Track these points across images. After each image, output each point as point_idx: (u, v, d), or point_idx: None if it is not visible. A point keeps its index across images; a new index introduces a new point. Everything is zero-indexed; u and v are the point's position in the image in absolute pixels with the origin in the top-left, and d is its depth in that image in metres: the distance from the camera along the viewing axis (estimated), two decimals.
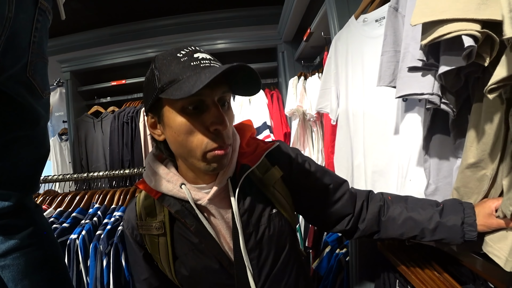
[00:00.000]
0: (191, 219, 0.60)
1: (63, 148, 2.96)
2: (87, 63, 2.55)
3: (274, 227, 0.64)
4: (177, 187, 0.61)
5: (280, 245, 0.65)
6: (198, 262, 0.62)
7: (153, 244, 0.64)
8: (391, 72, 0.78)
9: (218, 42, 2.44)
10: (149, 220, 0.64)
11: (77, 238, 1.03)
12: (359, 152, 1.06)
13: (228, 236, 0.63)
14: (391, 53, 0.79)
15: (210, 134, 0.53)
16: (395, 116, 0.93)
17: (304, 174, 0.69)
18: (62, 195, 1.28)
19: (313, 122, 1.83)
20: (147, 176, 0.64)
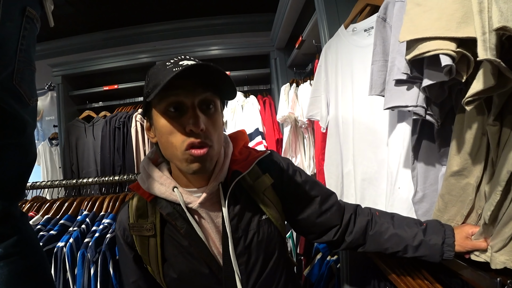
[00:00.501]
0: (182, 221, 0.62)
1: (53, 153, 2.92)
2: (79, 67, 2.53)
3: (263, 233, 0.65)
4: (169, 190, 0.62)
5: (269, 251, 0.66)
6: (187, 265, 0.63)
7: (143, 245, 0.65)
8: (382, 81, 0.80)
9: (211, 48, 2.45)
10: (141, 222, 0.65)
11: (65, 246, 1.01)
12: (348, 159, 1.07)
13: (217, 240, 0.64)
14: (381, 62, 0.80)
15: (187, 134, 0.55)
16: (384, 124, 0.95)
17: (293, 183, 0.71)
18: (50, 202, 1.26)
19: (304, 128, 1.84)
20: (141, 178, 0.66)
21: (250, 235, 0.64)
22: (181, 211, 0.62)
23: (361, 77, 1.01)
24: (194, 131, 0.54)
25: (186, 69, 0.50)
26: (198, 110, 0.55)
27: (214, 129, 0.58)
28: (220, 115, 0.62)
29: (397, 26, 0.70)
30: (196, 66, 0.51)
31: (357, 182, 1.04)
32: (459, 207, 0.67)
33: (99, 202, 1.20)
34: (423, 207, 0.82)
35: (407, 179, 0.88)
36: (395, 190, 0.92)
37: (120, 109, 2.58)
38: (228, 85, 0.57)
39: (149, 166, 0.67)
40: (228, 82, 0.56)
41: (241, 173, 0.62)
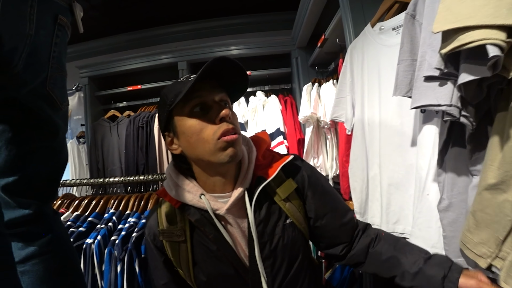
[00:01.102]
0: (210, 227, 0.64)
1: (80, 151, 3.04)
2: (104, 68, 2.62)
3: (288, 237, 0.66)
4: (196, 197, 0.64)
5: (294, 255, 0.67)
6: (215, 268, 0.65)
7: (174, 250, 0.67)
8: (408, 82, 0.76)
9: (231, 48, 2.46)
10: (171, 228, 0.67)
11: (93, 242, 1.05)
12: (374, 163, 1.04)
13: (244, 244, 0.66)
14: (407, 62, 0.77)
15: (218, 124, 0.59)
16: (413, 126, 0.91)
17: (315, 191, 0.71)
18: (79, 199, 1.31)
19: (327, 129, 1.81)
20: (167, 185, 0.68)
21: (276, 240, 0.65)
22: (208, 217, 0.64)
23: (388, 78, 0.97)
24: (225, 117, 0.59)
25: (207, 69, 0.56)
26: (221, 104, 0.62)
27: (235, 121, 0.63)
28: (234, 113, 0.66)
29: (429, 17, 0.65)
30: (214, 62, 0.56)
31: (383, 186, 1.01)
32: (494, 229, 0.55)
33: (124, 201, 1.24)
34: (448, 217, 0.77)
35: (437, 186, 0.84)
36: (423, 196, 0.87)
37: (143, 109, 2.65)
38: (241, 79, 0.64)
39: (174, 173, 0.69)
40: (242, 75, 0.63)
41: (265, 179, 0.64)
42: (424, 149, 0.87)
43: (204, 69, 0.56)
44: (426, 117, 0.87)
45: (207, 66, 0.56)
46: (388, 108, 0.97)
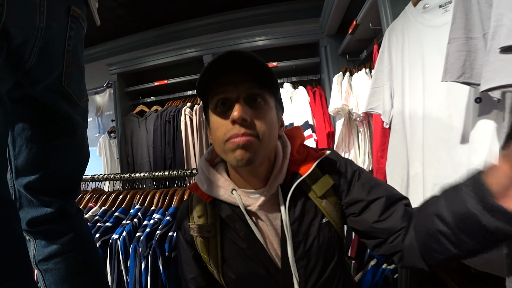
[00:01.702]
0: (241, 224, 0.61)
1: (112, 145, 3.15)
2: (132, 65, 2.67)
3: (324, 237, 0.62)
4: (228, 193, 0.62)
5: (329, 256, 0.63)
6: (245, 267, 0.63)
7: (204, 246, 0.65)
8: (461, 64, 0.65)
9: (257, 39, 2.39)
10: (201, 223, 0.65)
11: (118, 238, 1.05)
12: (416, 160, 0.93)
13: (276, 243, 0.62)
14: (461, 40, 0.65)
15: (230, 125, 0.55)
16: (464, 119, 0.79)
17: (354, 185, 0.65)
18: (106, 194, 1.33)
19: (359, 122, 1.69)
20: (199, 180, 0.66)
21: (311, 240, 0.61)
22: (240, 214, 0.61)
23: (434, 63, 0.85)
24: (235, 120, 0.54)
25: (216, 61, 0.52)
26: (244, 103, 0.56)
27: (262, 123, 0.56)
28: (271, 110, 0.60)
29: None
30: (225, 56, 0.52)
31: (427, 186, 0.89)
32: None
33: (150, 197, 1.23)
34: None
35: None
36: None
37: (170, 103, 2.68)
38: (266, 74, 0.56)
39: (206, 167, 0.67)
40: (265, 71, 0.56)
41: (301, 175, 0.60)
42: (478, 146, 0.75)
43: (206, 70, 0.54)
44: (482, 108, 0.74)
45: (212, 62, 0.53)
46: (434, 97, 0.86)
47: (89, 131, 3.05)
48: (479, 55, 0.64)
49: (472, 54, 0.64)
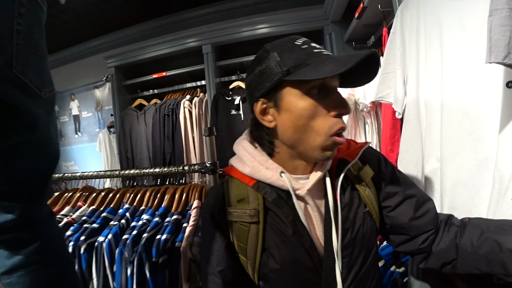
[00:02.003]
0: (288, 209, 0.58)
1: (111, 140, 3.09)
2: (130, 57, 2.60)
3: (367, 225, 0.61)
4: (276, 175, 0.59)
5: (370, 245, 0.62)
6: (290, 255, 0.59)
7: (242, 232, 0.61)
8: (506, 42, 0.53)
9: (259, 27, 2.29)
10: (241, 208, 0.61)
11: (104, 241, 0.97)
12: (432, 155, 0.82)
13: (320, 230, 0.60)
14: (505, 12, 0.53)
15: (332, 118, 0.54)
16: (492, 108, 0.68)
17: (391, 178, 0.66)
18: (96, 192, 1.26)
19: (366, 112, 1.59)
20: (239, 161, 0.64)
21: (357, 227, 0.60)
22: (286, 198, 0.58)
23: (455, 42, 0.74)
24: (344, 113, 0.54)
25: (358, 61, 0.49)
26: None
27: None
28: None
29: None
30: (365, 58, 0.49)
31: (446, 185, 0.79)
32: None
33: (140, 195, 1.15)
34: None
35: None
36: (504, 201, 0.65)
37: (169, 96, 2.61)
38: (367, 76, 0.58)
39: (252, 148, 0.63)
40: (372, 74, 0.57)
41: (348, 161, 0.60)
42: (509, 138, 0.64)
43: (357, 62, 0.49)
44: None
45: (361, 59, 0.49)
46: (455, 83, 0.74)
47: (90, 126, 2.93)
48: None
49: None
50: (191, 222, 0.94)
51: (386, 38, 1.18)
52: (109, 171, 1.23)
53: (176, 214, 1.00)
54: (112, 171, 1.23)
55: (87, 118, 3.44)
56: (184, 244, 0.88)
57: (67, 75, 3.43)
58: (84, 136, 3.49)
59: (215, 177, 0.96)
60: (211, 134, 0.92)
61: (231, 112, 2.21)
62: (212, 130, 0.93)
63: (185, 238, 0.90)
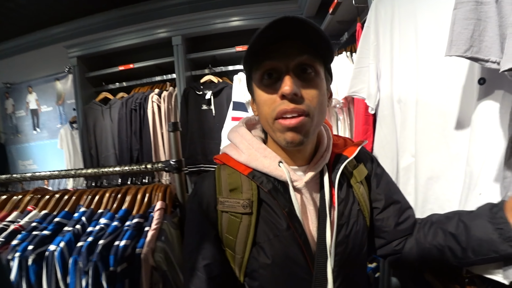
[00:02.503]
0: (284, 201, 0.55)
1: (74, 137, 2.88)
2: (93, 47, 2.44)
3: (360, 223, 0.60)
4: (274, 164, 0.57)
5: (362, 244, 0.61)
6: (282, 250, 0.56)
7: (232, 224, 0.58)
8: (469, 35, 0.52)
9: (231, 20, 2.24)
10: (234, 197, 0.58)
11: (55, 250, 0.86)
12: (406, 150, 0.81)
13: (314, 225, 0.58)
14: (469, 5, 0.53)
15: (279, 100, 0.52)
16: (464, 104, 0.67)
17: (382, 181, 0.66)
18: (50, 194, 1.13)
19: (339, 109, 1.58)
20: (233, 149, 0.62)
21: (351, 223, 0.59)
22: (283, 189, 0.56)
23: (430, 37, 0.72)
24: (285, 95, 0.50)
25: (267, 28, 0.47)
26: (293, 74, 0.51)
27: (314, 96, 0.52)
28: (322, 81, 0.55)
29: None
30: (277, 22, 0.46)
31: (420, 180, 0.78)
32: None
33: (99, 197, 1.04)
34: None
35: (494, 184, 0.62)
36: (473, 196, 0.66)
37: (136, 90, 2.48)
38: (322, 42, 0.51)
39: (249, 135, 0.62)
40: (322, 38, 0.50)
41: (346, 157, 0.59)
42: (479, 134, 0.64)
43: (261, 32, 0.48)
44: (486, 90, 0.63)
45: (263, 29, 0.48)
46: (429, 78, 0.73)
47: (51, 121, 2.70)
48: (490, 24, 0.53)
49: (482, 23, 0.52)
50: (154, 226, 0.86)
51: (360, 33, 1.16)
52: (64, 170, 1.12)
53: (137, 217, 0.91)
54: (67, 170, 1.12)
55: (47, 113, 3.17)
56: (145, 250, 0.80)
57: (24, 65, 3.15)
58: (43, 132, 3.22)
59: (181, 176, 0.89)
60: (175, 130, 0.85)
61: (202, 107, 2.13)
62: (177, 125, 0.86)
63: (147, 244, 0.82)
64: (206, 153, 2.07)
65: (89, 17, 2.93)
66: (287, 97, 0.50)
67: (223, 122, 1.96)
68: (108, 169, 1.02)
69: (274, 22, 0.46)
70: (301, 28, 0.48)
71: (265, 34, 0.48)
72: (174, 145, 0.88)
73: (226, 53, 2.24)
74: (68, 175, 1.10)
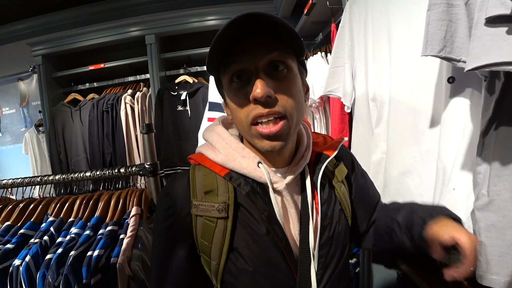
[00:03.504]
0: (263, 204, 0.52)
1: (40, 141, 2.71)
2: (60, 45, 2.30)
3: (342, 223, 0.59)
4: (253, 165, 0.54)
5: (344, 244, 0.60)
6: (262, 255, 0.53)
7: (207, 228, 0.54)
8: (442, 36, 0.54)
9: (208, 19, 2.21)
10: (209, 200, 0.54)
11: (20, 265, 0.80)
12: (378, 147, 0.83)
13: (296, 228, 0.56)
14: (442, 7, 0.54)
15: (253, 106, 0.48)
16: (434, 102, 0.70)
17: (361, 179, 0.67)
18: (13, 204, 1.05)
19: (315, 108, 1.60)
20: (209, 149, 0.58)
21: (334, 224, 0.57)
22: (262, 192, 0.53)
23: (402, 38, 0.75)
24: (258, 98, 0.46)
25: (229, 26, 0.43)
26: (263, 75, 0.48)
27: (290, 94, 0.49)
28: (296, 77, 0.52)
29: None
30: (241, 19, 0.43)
31: (392, 175, 0.80)
32: None
33: (68, 205, 0.98)
34: (488, 218, 0.58)
35: (467, 179, 0.64)
36: (447, 191, 0.68)
37: (108, 91, 2.36)
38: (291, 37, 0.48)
39: (226, 133, 0.58)
40: (289, 31, 0.46)
41: (327, 156, 0.57)
42: (450, 131, 0.67)
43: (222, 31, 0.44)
44: (454, 89, 0.65)
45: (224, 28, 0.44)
46: (401, 77, 0.75)
47: (14, 125, 2.50)
48: (460, 26, 0.55)
49: (453, 24, 0.54)
50: (129, 233, 0.82)
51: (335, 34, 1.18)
52: (28, 178, 1.04)
53: (111, 225, 0.87)
54: (32, 177, 1.05)
55: (9, 116, 2.96)
56: (121, 260, 0.76)
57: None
58: (6, 136, 3.01)
59: (156, 179, 0.86)
60: (149, 132, 0.82)
61: (177, 108, 2.08)
62: (151, 127, 0.82)
63: (122, 252, 0.78)
64: (182, 155, 2.02)
65: (55, 13, 2.77)
66: (259, 100, 0.47)
67: (199, 123, 1.93)
68: (79, 174, 0.96)
69: (237, 18, 0.43)
70: (267, 23, 0.45)
71: (228, 32, 0.45)
72: (148, 147, 0.84)
73: (202, 53, 2.20)
74: (33, 183, 1.03)
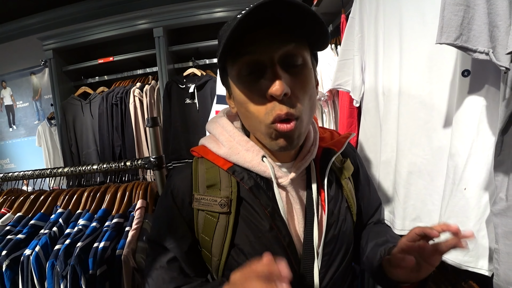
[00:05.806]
0: (266, 200, 0.51)
1: (53, 133, 2.76)
2: (70, 39, 2.32)
3: (348, 221, 0.58)
4: (257, 159, 0.52)
5: (349, 242, 0.58)
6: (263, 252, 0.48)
7: (209, 223, 0.53)
8: (459, 22, 0.51)
9: (216, 10, 2.17)
10: (211, 195, 0.53)
11: (31, 254, 0.82)
12: (388, 144, 0.81)
13: (301, 225, 0.54)
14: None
15: (268, 103, 0.45)
16: (448, 97, 0.67)
17: (364, 178, 0.65)
18: (24, 196, 1.07)
19: (324, 102, 1.56)
20: (212, 141, 0.57)
21: (340, 222, 0.56)
22: (265, 187, 0.52)
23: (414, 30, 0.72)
24: (276, 96, 0.44)
25: (250, 13, 0.39)
26: (280, 69, 0.45)
27: (304, 91, 0.47)
28: (311, 71, 0.49)
29: None
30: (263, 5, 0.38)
31: (401, 175, 0.78)
32: None
33: (76, 197, 1.00)
34: (506, 224, 0.56)
35: (480, 178, 0.62)
36: (458, 191, 0.65)
37: (117, 84, 2.39)
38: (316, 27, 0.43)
39: (230, 126, 0.56)
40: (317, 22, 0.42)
41: (335, 151, 0.56)
42: (464, 128, 0.64)
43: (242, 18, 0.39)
44: (469, 83, 0.62)
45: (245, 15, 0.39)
46: (412, 71, 0.72)
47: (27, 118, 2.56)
48: (478, 12, 0.51)
49: (471, 10, 0.51)
50: (134, 225, 0.83)
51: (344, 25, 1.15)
52: (38, 170, 1.06)
53: (117, 217, 0.88)
54: (42, 170, 1.06)
55: (23, 109, 3.03)
56: (126, 252, 0.77)
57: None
58: (20, 129, 3.08)
59: (161, 173, 0.86)
60: (154, 125, 0.81)
61: (186, 101, 2.07)
62: (156, 121, 0.82)
63: (127, 244, 0.79)
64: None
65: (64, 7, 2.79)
66: (276, 98, 0.44)
67: (207, 116, 1.92)
68: (86, 167, 0.98)
69: (266, 2, 0.38)
70: (297, 12, 0.41)
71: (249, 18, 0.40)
72: (153, 141, 0.84)
73: (210, 46, 2.18)
74: (43, 175, 1.05)
